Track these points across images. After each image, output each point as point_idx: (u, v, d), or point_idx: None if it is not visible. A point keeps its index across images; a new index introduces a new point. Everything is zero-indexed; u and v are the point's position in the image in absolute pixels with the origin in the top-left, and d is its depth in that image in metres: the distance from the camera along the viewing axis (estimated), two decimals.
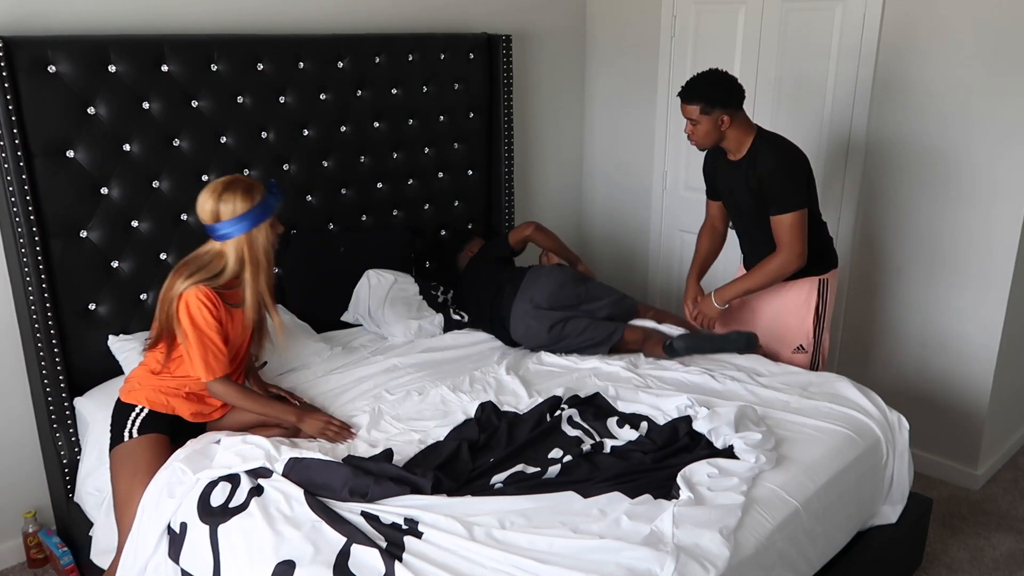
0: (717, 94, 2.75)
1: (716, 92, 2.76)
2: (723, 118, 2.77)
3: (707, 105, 2.75)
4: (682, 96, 2.80)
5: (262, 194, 2.38)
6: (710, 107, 2.75)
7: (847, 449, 2.41)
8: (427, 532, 1.94)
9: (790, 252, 2.81)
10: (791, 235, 2.79)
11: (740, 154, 2.86)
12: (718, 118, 2.77)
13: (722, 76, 2.80)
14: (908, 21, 3.20)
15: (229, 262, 2.37)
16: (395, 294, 3.30)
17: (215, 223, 2.35)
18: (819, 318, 2.97)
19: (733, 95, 2.78)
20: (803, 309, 2.97)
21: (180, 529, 2.13)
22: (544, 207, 3.84)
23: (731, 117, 2.78)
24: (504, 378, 2.83)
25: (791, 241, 2.80)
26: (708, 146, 2.88)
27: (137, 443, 2.37)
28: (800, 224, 2.79)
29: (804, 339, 2.99)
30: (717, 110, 2.76)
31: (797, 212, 2.78)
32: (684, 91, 2.80)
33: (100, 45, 2.69)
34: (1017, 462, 3.65)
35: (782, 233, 2.81)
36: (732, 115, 2.78)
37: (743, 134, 2.83)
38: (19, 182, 2.56)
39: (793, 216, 2.78)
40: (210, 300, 2.34)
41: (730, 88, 2.78)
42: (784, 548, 2.11)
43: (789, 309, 3.00)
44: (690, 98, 2.78)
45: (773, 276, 2.87)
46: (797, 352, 3.00)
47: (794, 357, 3.01)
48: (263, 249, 2.40)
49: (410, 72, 3.49)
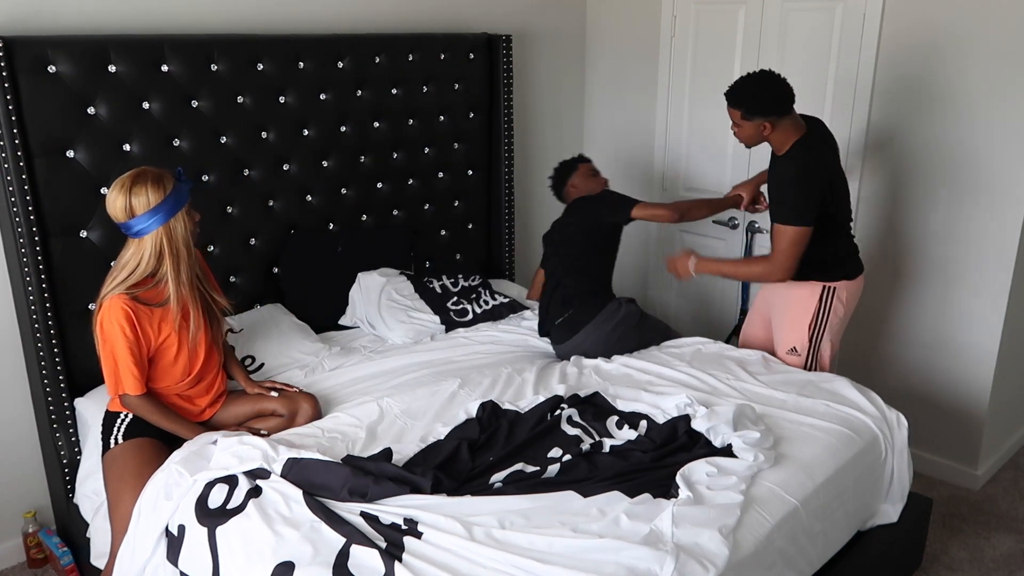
0: (758, 104, 2.71)
1: (757, 102, 2.71)
2: (765, 125, 2.73)
3: (747, 112, 2.72)
4: (726, 98, 2.76)
5: (172, 183, 2.34)
6: (750, 114, 2.72)
7: (845, 447, 2.41)
8: (427, 532, 1.94)
9: (776, 264, 2.77)
10: (784, 247, 2.75)
11: (781, 152, 2.82)
12: (760, 125, 2.73)
13: (767, 83, 2.72)
14: (908, 21, 3.20)
15: (144, 257, 2.32)
16: (388, 296, 3.29)
17: (130, 219, 2.30)
18: (816, 324, 2.91)
19: (776, 103, 2.71)
20: (800, 312, 2.93)
21: (178, 531, 2.13)
22: (544, 207, 3.85)
23: (773, 124, 2.73)
24: (526, 377, 2.83)
25: (781, 252, 2.76)
26: (751, 146, 2.87)
27: (122, 448, 2.38)
28: (797, 240, 2.73)
29: (798, 342, 2.95)
30: (758, 118, 2.72)
31: (798, 228, 2.72)
32: (729, 94, 2.76)
33: (100, 45, 2.69)
34: (1017, 462, 3.65)
35: (777, 242, 2.77)
36: (774, 122, 2.73)
37: (788, 136, 2.77)
38: (19, 182, 2.56)
39: (793, 230, 2.72)
40: (126, 314, 2.29)
41: (774, 97, 2.71)
42: (783, 547, 2.11)
43: (789, 309, 2.97)
44: (733, 103, 2.75)
45: (753, 277, 2.91)
46: (791, 353, 2.97)
47: (787, 358, 2.98)
48: (183, 239, 2.36)
49: (410, 72, 3.49)
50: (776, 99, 2.72)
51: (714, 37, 3.82)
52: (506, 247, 3.97)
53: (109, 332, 2.31)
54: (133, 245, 2.34)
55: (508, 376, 2.85)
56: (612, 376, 2.86)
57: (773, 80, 2.73)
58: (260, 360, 2.89)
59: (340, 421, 2.53)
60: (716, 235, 4.02)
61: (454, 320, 3.31)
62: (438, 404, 2.64)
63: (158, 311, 2.37)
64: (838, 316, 2.92)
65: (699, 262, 2.97)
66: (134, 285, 2.33)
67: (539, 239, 4.02)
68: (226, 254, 3.12)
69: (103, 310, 2.31)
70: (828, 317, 2.91)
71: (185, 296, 2.40)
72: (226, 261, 3.13)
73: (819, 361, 2.97)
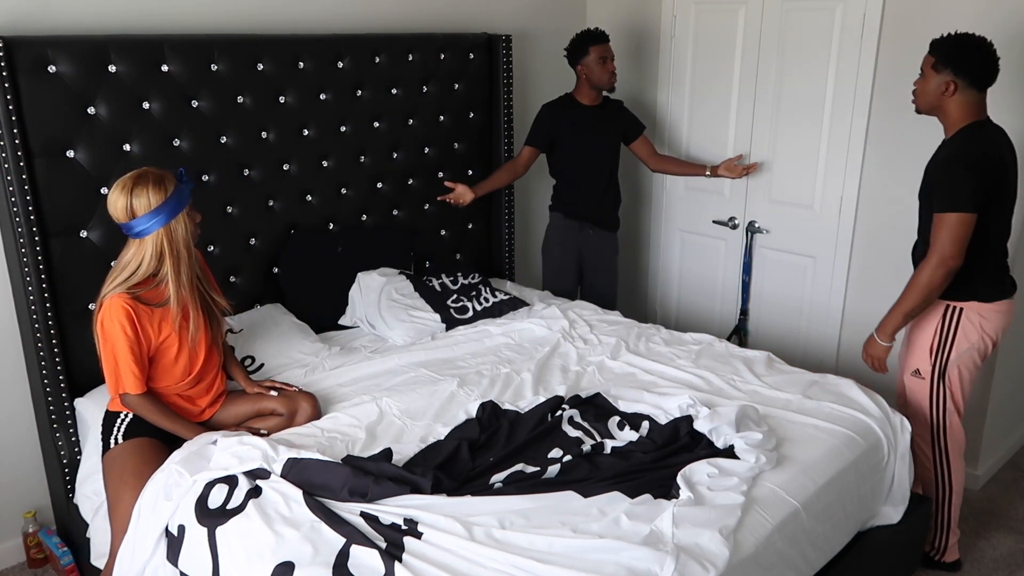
0: (957, 56, 2.47)
1: (957, 54, 2.47)
2: (951, 84, 2.49)
3: (940, 61, 2.49)
4: (931, 44, 2.55)
5: (174, 184, 2.33)
6: (943, 65, 2.49)
7: (847, 449, 2.40)
8: (427, 532, 1.94)
9: (938, 255, 2.49)
10: (942, 238, 2.47)
11: (949, 135, 2.58)
12: (946, 82, 2.49)
13: (979, 46, 2.48)
14: (908, 21, 3.19)
15: (145, 258, 2.32)
16: (388, 295, 3.29)
17: (131, 220, 2.30)
18: (940, 347, 2.66)
19: (975, 66, 2.47)
20: (923, 332, 2.71)
21: (178, 532, 2.12)
22: (544, 207, 3.86)
23: (957, 88, 2.48)
24: (525, 377, 2.83)
25: (942, 243, 2.48)
26: (922, 108, 2.62)
27: (122, 448, 2.38)
28: (957, 228, 2.45)
29: (920, 364, 2.72)
30: (948, 72, 2.48)
31: (958, 215, 2.44)
32: (935, 39, 2.54)
33: (100, 45, 2.69)
34: (1017, 462, 3.65)
35: (934, 235, 2.51)
36: (960, 88, 2.48)
37: (965, 113, 2.51)
38: (19, 182, 2.56)
39: (953, 217, 2.45)
40: (126, 312, 2.29)
41: (977, 60, 2.47)
42: (784, 548, 2.11)
43: (914, 327, 2.76)
44: (933, 48, 2.53)
45: (925, 286, 2.53)
46: (914, 376, 2.75)
47: (910, 380, 2.77)
48: (184, 241, 2.36)
49: (410, 72, 3.49)
50: (978, 63, 2.48)
51: (714, 37, 3.82)
52: (506, 247, 3.97)
53: (109, 331, 2.31)
54: (134, 246, 2.34)
55: (507, 376, 2.84)
56: (615, 375, 2.86)
57: (986, 47, 2.49)
58: (260, 360, 2.89)
59: (339, 421, 2.52)
60: (716, 235, 4.02)
61: (454, 318, 3.31)
62: (437, 404, 2.64)
63: (158, 311, 2.37)
64: (969, 341, 2.64)
65: (880, 329, 2.70)
66: (135, 285, 2.33)
67: (539, 239, 4.03)
68: (226, 254, 3.12)
69: (103, 309, 2.31)
70: (954, 340, 2.65)
71: (185, 297, 2.40)
72: (226, 261, 3.13)
73: (949, 388, 2.71)
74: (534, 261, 4.21)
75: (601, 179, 3.72)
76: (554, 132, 3.64)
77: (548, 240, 3.86)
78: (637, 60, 4.14)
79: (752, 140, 3.77)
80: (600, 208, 3.77)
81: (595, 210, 3.76)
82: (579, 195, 3.73)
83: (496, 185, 3.70)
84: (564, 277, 3.82)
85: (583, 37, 3.56)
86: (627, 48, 4.15)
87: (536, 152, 3.68)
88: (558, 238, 3.80)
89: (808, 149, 3.58)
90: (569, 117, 3.63)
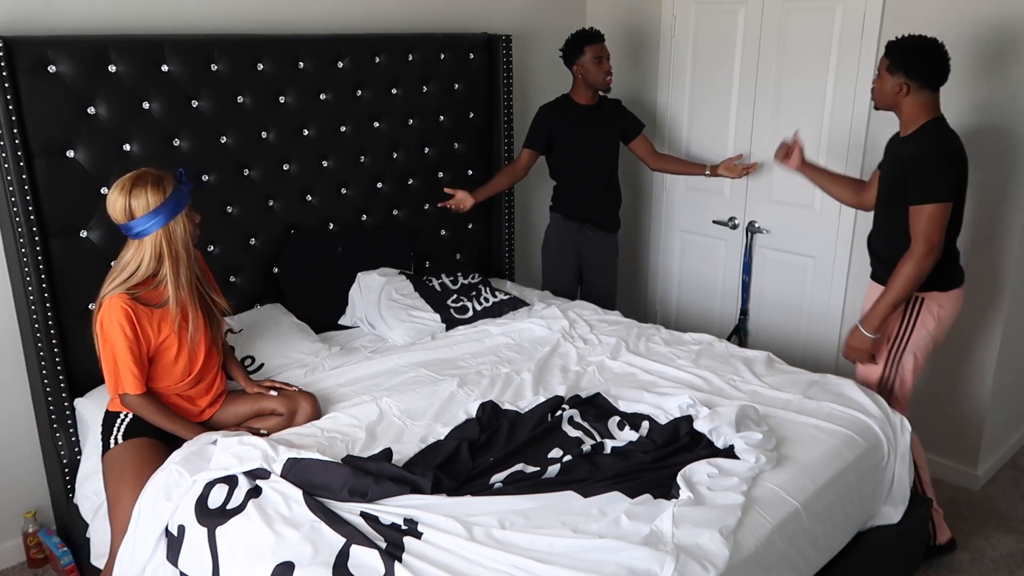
0: (909, 60, 2.58)
1: (908, 58, 2.58)
2: (904, 85, 2.60)
3: (894, 64, 2.61)
4: (886, 45, 2.66)
5: (173, 185, 2.33)
6: (896, 68, 2.60)
7: (848, 449, 2.40)
8: (427, 532, 1.94)
9: (924, 245, 2.56)
10: (923, 229, 2.55)
11: (907, 132, 2.69)
12: (900, 83, 2.60)
13: (929, 47, 2.59)
14: (908, 21, 3.19)
15: (144, 259, 2.32)
16: (388, 296, 3.29)
17: (130, 221, 2.30)
18: (899, 335, 2.76)
19: (925, 69, 2.58)
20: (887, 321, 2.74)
21: (178, 532, 2.12)
22: (544, 207, 3.86)
23: (910, 89, 2.60)
24: (524, 377, 2.83)
25: (927, 233, 2.55)
26: (880, 105, 2.73)
27: (122, 448, 2.38)
28: (936, 218, 2.54)
29: (878, 351, 2.81)
30: (901, 75, 2.59)
31: (935, 205, 2.53)
32: (890, 41, 2.65)
33: (100, 45, 2.69)
34: (1017, 462, 3.65)
35: (914, 226, 2.58)
36: (913, 89, 2.60)
37: (920, 112, 2.63)
38: (19, 182, 2.56)
39: (930, 208, 2.54)
40: (126, 313, 2.29)
41: (928, 63, 2.58)
42: (784, 548, 2.11)
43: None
44: (888, 50, 2.64)
45: (914, 277, 2.60)
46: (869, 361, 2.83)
47: (865, 366, 2.86)
48: (183, 241, 2.36)
49: (410, 72, 3.49)
50: (928, 66, 2.59)
51: (714, 37, 3.82)
52: (506, 247, 3.97)
53: (109, 331, 2.31)
54: (133, 246, 2.34)
55: (507, 376, 2.84)
56: (615, 375, 2.86)
57: (936, 49, 2.60)
58: (260, 360, 2.89)
59: (339, 421, 2.52)
60: (716, 235, 4.02)
61: (454, 318, 3.31)
62: (437, 404, 2.64)
63: (158, 312, 2.37)
64: (926, 329, 2.75)
65: (864, 321, 2.73)
66: (134, 286, 2.33)
67: (539, 239, 4.03)
68: (226, 254, 3.12)
69: (103, 309, 2.31)
70: (912, 329, 2.75)
71: (184, 298, 2.40)
72: (226, 261, 3.13)
73: (900, 376, 2.81)
74: (534, 261, 4.21)
75: (600, 179, 3.72)
76: (552, 133, 3.64)
77: (547, 241, 3.86)
78: (637, 60, 4.14)
79: (752, 140, 3.77)
80: (600, 208, 3.77)
81: (595, 211, 3.75)
82: (579, 196, 3.72)
83: (496, 189, 3.70)
84: (563, 278, 3.82)
85: (578, 37, 3.56)
86: (627, 48, 4.15)
87: (535, 154, 3.67)
88: (557, 239, 3.80)
89: (808, 149, 3.58)
90: (567, 118, 3.63)
